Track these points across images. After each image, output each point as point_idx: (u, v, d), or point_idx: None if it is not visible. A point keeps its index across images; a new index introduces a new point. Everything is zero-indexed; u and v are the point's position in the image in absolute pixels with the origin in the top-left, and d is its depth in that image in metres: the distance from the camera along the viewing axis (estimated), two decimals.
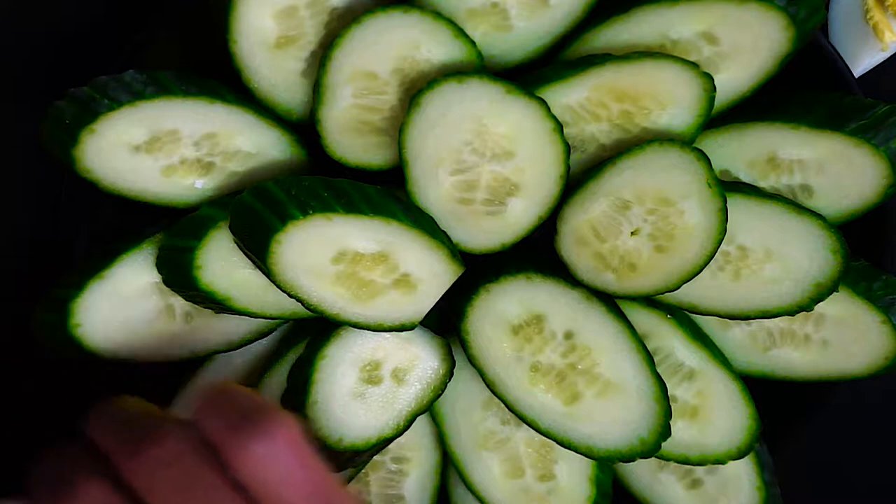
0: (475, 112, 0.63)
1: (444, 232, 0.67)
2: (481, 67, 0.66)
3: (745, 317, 0.68)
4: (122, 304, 0.66)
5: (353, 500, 0.50)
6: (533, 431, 0.68)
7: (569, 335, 0.67)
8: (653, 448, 0.65)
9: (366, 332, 0.68)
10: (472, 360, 0.68)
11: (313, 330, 0.70)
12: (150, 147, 0.66)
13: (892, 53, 0.77)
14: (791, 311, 0.67)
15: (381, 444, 0.67)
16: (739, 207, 0.66)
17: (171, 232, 0.65)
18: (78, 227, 0.71)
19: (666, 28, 0.66)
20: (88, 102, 0.63)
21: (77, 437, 0.50)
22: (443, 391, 0.69)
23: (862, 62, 0.77)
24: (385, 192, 0.64)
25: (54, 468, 0.49)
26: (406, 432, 0.68)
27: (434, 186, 0.66)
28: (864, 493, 0.82)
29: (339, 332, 0.68)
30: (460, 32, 0.65)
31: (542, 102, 0.63)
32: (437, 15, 0.64)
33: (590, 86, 0.65)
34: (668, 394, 0.66)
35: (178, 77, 0.66)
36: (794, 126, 0.67)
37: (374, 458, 0.71)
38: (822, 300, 0.66)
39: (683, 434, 0.70)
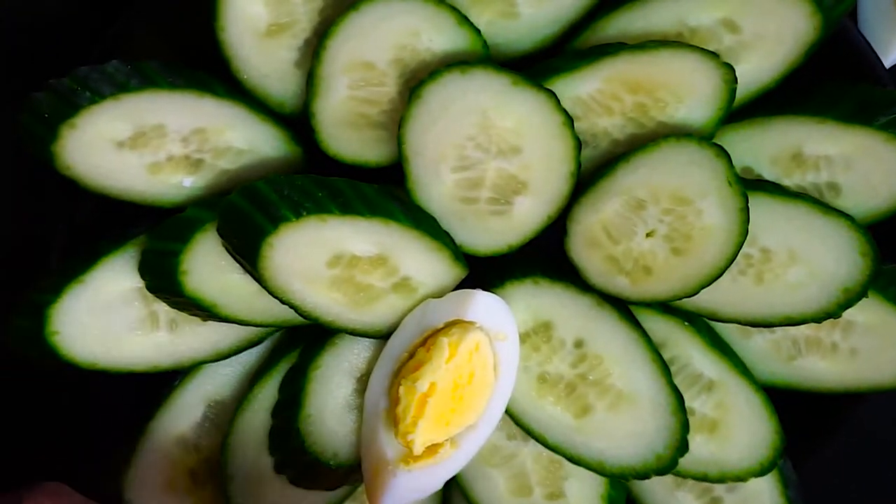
0: (480, 105, 0.62)
1: (447, 233, 0.66)
2: (486, 57, 0.65)
3: (768, 324, 0.67)
4: (102, 311, 0.65)
5: None
6: (541, 446, 0.68)
7: (579, 344, 0.66)
8: (669, 464, 0.64)
9: (362, 339, 0.67)
10: None
11: (306, 338, 0.70)
12: (134, 143, 0.65)
13: None
14: (817, 318, 0.66)
15: None
16: (762, 207, 0.64)
17: (155, 234, 0.64)
18: (56, 227, 0.71)
19: (683, 15, 0.65)
20: (69, 95, 0.63)
21: None
22: None
23: (893, 52, 0.76)
24: (383, 191, 0.64)
25: None
26: None
27: (436, 184, 0.65)
28: None
29: (335, 340, 0.67)
30: (464, 20, 0.64)
31: (551, 95, 0.62)
32: (440, 1, 0.63)
33: (602, 77, 0.64)
34: (686, 406, 0.65)
35: (164, 68, 0.65)
36: (820, 120, 0.66)
37: None
38: (850, 306, 0.65)
39: (702, 449, 0.69)
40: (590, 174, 0.66)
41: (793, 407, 0.70)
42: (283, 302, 0.62)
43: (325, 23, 0.66)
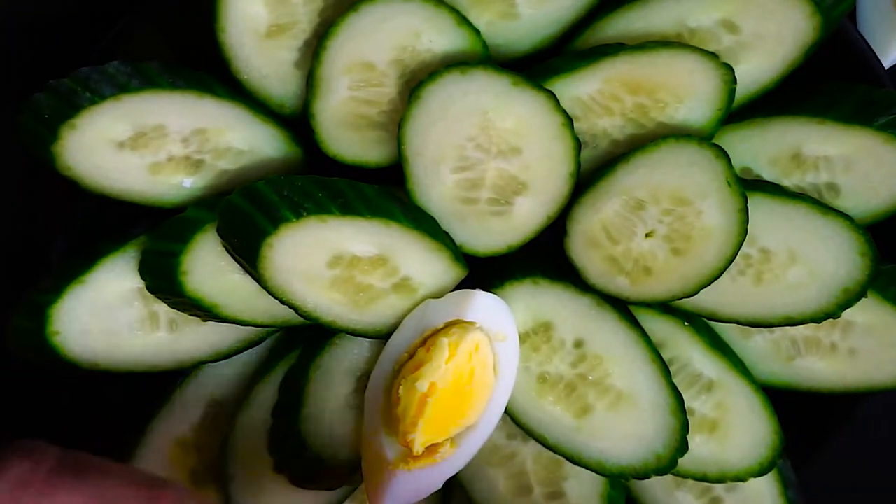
0: (480, 105, 0.62)
1: (447, 233, 0.66)
2: (486, 58, 0.65)
3: (768, 324, 0.67)
4: (102, 311, 0.65)
5: None
6: (541, 446, 0.67)
7: (578, 344, 0.66)
8: (668, 464, 0.64)
9: (363, 339, 0.67)
10: None
11: (306, 339, 0.69)
12: (135, 143, 0.65)
13: None
14: (817, 318, 0.65)
15: None
16: (761, 207, 0.64)
17: (156, 234, 0.64)
18: (56, 227, 0.70)
19: (683, 16, 0.65)
20: (69, 95, 0.63)
21: None
22: None
23: (893, 52, 0.76)
24: (383, 191, 0.63)
25: None
26: None
27: (436, 185, 0.65)
28: None
29: (335, 340, 0.67)
30: (464, 20, 0.64)
31: (551, 95, 0.62)
32: (440, 2, 0.63)
33: (602, 77, 0.64)
34: (685, 406, 0.64)
35: (164, 69, 0.65)
36: (819, 120, 0.65)
37: None
38: (849, 306, 0.65)
39: (702, 449, 0.69)
40: (589, 175, 0.66)
41: (793, 407, 0.70)
42: (283, 302, 0.62)
43: (325, 24, 0.66)
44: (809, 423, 0.72)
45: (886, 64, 0.76)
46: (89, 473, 0.48)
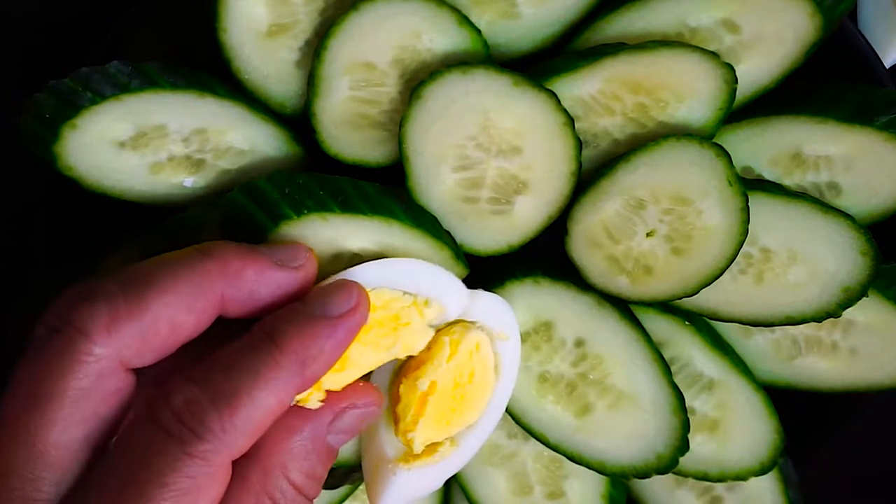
0: (480, 105, 0.62)
1: (448, 232, 0.66)
2: (487, 58, 0.65)
3: (769, 323, 0.67)
4: None
5: None
6: (541, 446, 0.67)
7: (579, 343, 0.66)
8: (669, 464, 0.64)
9: None
10: None
11: None
12: (135, 143, 0.65)
13: None
14: (817, 318, 0.66)
15: None
16: (762, 207, 0.64)
17: (156, 235, 0.64)
18: (56, 228, 0.70)
19: (684, 15, 0.65)
20: (70, 95, 0.63)
21: None
22: None
23: (893, 52, 0.76)
24: (384, 190, 0.63)
25: None
26: None
27: (436, 184, 0.65)
28: None
29: None
30: (464, 20, 0.64)
31: (552, 95, 0.62)
32: (440, 1, 0.63)
33: (603, 77, 0.64)
34: (686, 406, 0.65)
35: (165, 69, 0.65)
36: (820, 120, 0.65)
37: None
38: (850, 305, 0.65)
39: (702, 448, 0.69)
40: (590, 174, 0.66)
41: (793, 407, 0.70)
42: None
43: (325, 23, 0.66)
44: (810, 423, 0.73)
45: (887, 64, 0.76)
46: (158, 272, 0.47)
